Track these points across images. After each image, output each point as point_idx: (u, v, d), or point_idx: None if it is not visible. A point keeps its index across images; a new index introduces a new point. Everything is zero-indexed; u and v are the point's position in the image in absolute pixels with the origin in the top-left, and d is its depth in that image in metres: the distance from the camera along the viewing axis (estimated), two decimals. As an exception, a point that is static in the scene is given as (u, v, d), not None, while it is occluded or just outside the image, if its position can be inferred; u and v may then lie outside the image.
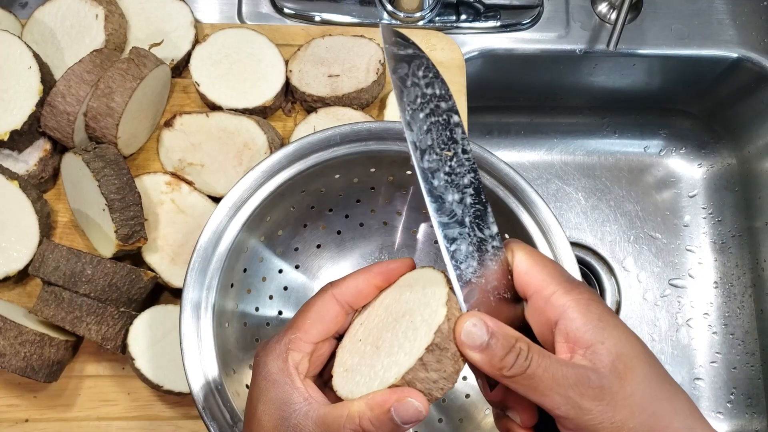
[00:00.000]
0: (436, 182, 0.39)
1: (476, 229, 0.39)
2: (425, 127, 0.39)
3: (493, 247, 0.39)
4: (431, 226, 0.61)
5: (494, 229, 0.39)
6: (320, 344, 0.41)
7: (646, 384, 0.35)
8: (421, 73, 0.40)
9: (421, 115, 0.39)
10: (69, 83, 0.61)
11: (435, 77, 0.40)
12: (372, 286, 0.42)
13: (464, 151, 0.40)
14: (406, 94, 0.39)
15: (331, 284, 0.42)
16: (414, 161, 0.39)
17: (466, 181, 0.39)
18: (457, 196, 0.39)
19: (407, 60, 0.40)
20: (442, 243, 0.38)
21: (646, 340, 0.87)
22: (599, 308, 0.36)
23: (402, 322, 0.39)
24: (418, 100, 0.39)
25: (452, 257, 0.38)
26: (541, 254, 0.39)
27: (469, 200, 0.39)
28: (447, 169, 0.39)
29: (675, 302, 0.89)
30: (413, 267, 0.42)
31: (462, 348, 0.36)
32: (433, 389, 0.36)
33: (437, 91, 0.40)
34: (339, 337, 0.43)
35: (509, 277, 0.39)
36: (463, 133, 0.40)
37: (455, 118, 0.40)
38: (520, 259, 0.39)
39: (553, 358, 0.35)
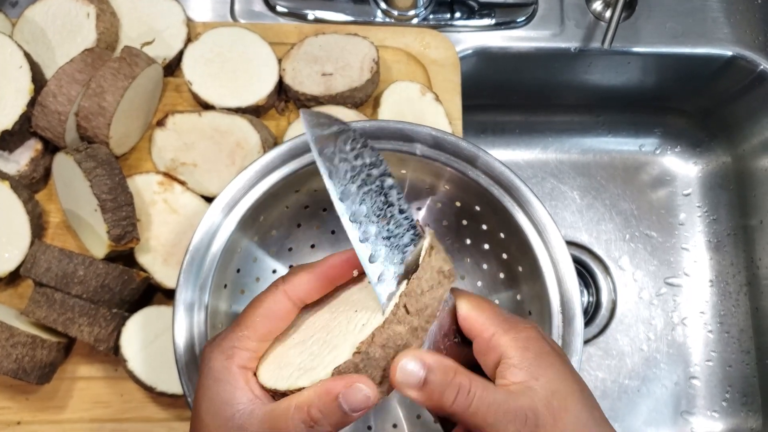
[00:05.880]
0: (373, 249, 0.39)
1: None
2: (359, 199, 0.39)
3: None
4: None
5: None
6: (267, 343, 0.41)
7: (578, 424, 0.36)
8: (348, 147, 0.40)
9: (353, 187, 0.39)
10: (60, 83, 0.60)
11: (363, 147, 0.40)
12: (325, 280, 0.42)
13: (401, 211, 0.40)
14: (335, 172, 0.39)
15: (282, 279, 0.41)
16: (349, 233, 0.39)
17: (406, 239, 0.40)
18: (397, 258, 0.39)
19: (332, 138, 0.39)
20: (383, 304, 0.38)
21: (641, 340, 0.87)
22: (537, 346, 0.38)
23: (349, 308, 0.41)
24: (348, 174, 0.40)
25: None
26: (482, 299, 0.41)
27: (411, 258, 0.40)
28: (385, 233, 0.39)
29: (670, 301, 0.89)
30: None
31: (400, 388, 0.36)
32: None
33: (367, 160, 0.40)
34: None
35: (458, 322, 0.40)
36: (399, 193, 0.40)
37: (388, 182, 0.40)
38: (461, 305, 0.40)
39: (497, 394, 0.36)
